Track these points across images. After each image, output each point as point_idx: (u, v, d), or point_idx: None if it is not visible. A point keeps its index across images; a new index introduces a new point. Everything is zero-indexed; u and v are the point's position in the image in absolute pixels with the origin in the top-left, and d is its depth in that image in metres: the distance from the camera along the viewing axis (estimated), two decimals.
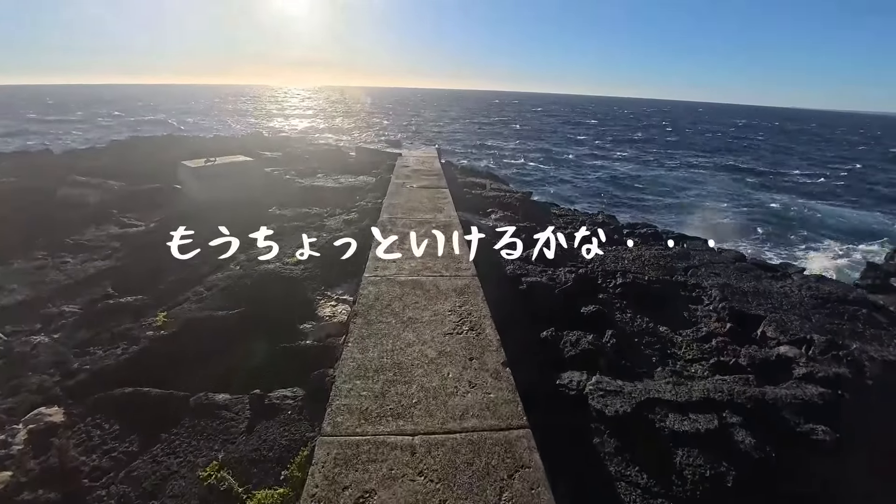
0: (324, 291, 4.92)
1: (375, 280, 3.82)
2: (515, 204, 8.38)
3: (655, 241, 6.88)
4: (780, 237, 18.87)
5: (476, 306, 3.41)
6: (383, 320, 3.16)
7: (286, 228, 6.84)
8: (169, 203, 8.54)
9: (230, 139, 15.30)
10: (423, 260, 4.27)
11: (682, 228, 15.12)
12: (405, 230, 5.16)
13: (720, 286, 5.07)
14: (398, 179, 8.13)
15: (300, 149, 13.81)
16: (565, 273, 5.14)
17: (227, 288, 4.93)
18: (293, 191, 9.30)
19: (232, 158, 9.09)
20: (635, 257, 5.94)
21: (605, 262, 5.85)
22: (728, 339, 3.98)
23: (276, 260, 5.79)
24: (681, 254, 6.16)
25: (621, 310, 4.66)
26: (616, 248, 6.42)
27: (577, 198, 23.11)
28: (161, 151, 12.78)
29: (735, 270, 5.72)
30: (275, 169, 10.68)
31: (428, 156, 11.10)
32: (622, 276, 5.18)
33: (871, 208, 26.35)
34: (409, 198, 6.69)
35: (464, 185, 9.35)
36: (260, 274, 5.15)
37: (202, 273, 5.49)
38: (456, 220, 5.52)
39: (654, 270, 5.57)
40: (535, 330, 4.15)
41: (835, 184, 33.05)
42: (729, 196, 26.47)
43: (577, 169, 32.74)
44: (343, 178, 10.45)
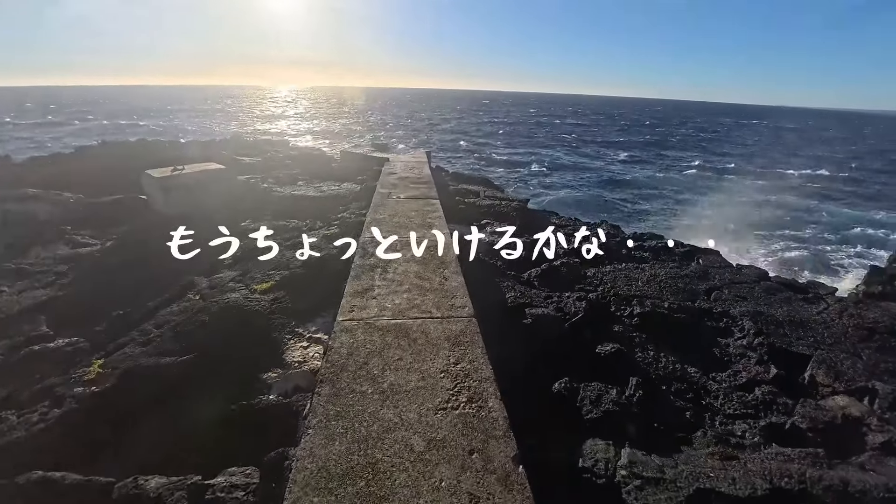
0: (294, 328, 4.19)
1: (350, 326, 3.11)
2: (512, 214, 7.72)
3: (667, 256, 6.24)
4: (793, 241, 18.46)
5: (475, 363, 2.72)
6: (357, 389, 2.46)
7: (257, 248, 6.08)
8: (131, 217, 7.74)
9: (208, 143, 14.43)
10: (410, 296, 3.56)
11: (686, 236, 14.58)
12: (389, 253, 4.46)
13: (751, 315, 4.43)
14: (384, 189, 7.42)
15: (282, 153, 13.02)
16: (574, 301, 4.47)
17: (181, 325, 4.19)
18: (270, 201, 8.53)
19: (202, 166, 8.29)
20: (649, 278, 5.29)
21: (617, 283, 5.19)
22: (775, 390, 3.33)
23: (242, 285, 5.05)
24: (698, 272, 5.52)
25: (641, 346, 4.00)
26: (626, 265, 5.77)
27: (575, 203, 22.54)
28: (131, 158, 11.88)
29: (761, 292, 5.10)
30: (252, 176, 9.90)
31: (417, 161, 10.39)
32: (639, 303, 4.53)
33: (865, 207, 26.18)
34: (396, 211, 5.98)
35: (456, 193, 8.66)
36: (221, 307, 4.41)
37: (156, 304, 4.74)
38: (448, 239, 4.82)
39: (672, 294, 4.93)
40: (545, 378, 3.48)
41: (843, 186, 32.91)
42: (729, 198, 26.11)
43: (574, 171, 32.26)
44: (325, 186, 9.70)
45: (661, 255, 6.27)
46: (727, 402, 3.35)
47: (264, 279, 5.15)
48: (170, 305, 4.67)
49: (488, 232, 6.62)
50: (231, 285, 5.07)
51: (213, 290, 4.96)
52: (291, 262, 5.51)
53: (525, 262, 5.62)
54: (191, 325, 4.18)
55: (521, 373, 3.47)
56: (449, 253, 4.46)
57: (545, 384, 3.38)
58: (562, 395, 3.22)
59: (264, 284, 4.97)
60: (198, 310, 4.42)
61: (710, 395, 3.46)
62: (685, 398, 3.43)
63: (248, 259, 5.91)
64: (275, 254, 5.73)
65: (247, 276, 5.36)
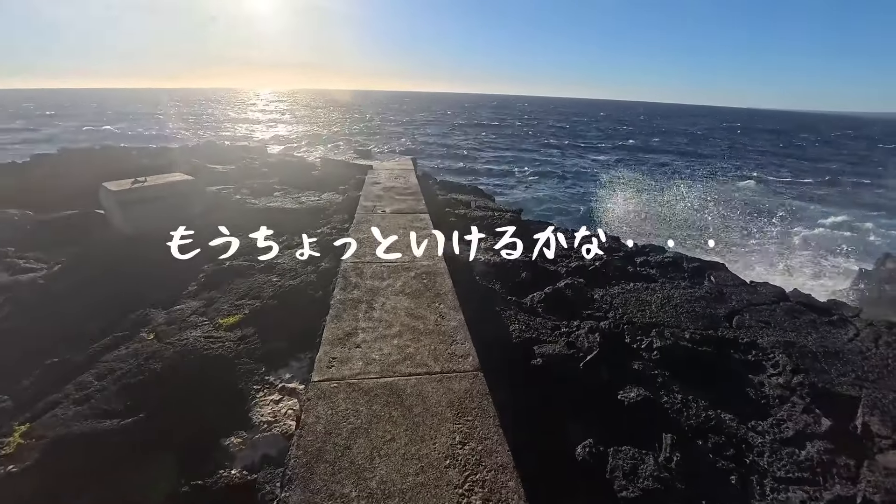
0: (263, 376, 3.57)
1: (329, 389, 2.51)
2: (505, 225, 7.18)
3: (676, 273, 5.79)
4: (781, 246, 18.42)
5: (487, 441, 2.16)
6: (337, 492, 1.87)
7: (223, 271, 5.41)
8: (86, 236, 6.96)
9: (179, 150, 13.57)
10: (402, 341, 2.99)
11: (685, 246, 14.27)
12: (375, 283, 3.87)
13: (782, 345, 3.98)
14: (367, 201, 6.82)
15: (258, 161, 12.26)
16: (586, 334, 3.95)
17: (127, 376, 3.52)
18: (243, 215, 7.83)
19: (167, 178, 7.55)
20: (663, 301, 4.82)
21: (628, 307, 4.70)
22: (831, 447, 2.85)
23: (205, 319, 4.39)
24: (714, 293, 5.07)
25: (667, 388, 3.49)
26: (634, 285, 5.29)
27: (567, 210, 22.13)
28: (93, 167, 11.00)
29: (784, 316, 4.67)
30: (224, 187, 9.17)
31: (402, 168, 9.81)
32: (658, 335, 4.03)
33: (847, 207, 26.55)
34: (381, 228, 5.39)
35: (445, 204, 8.10)
36: (177, 351, 3.75)
37: (101, 346, 4.04)
38: (442, 265, 4.26)
39: (691, 321, 4.45)
40: (563, 435, 2.95)
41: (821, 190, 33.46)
42: (721, 200, 26.16)
43: (562, 177, 31.87)
44: (305, 197, 9.04)
45: (670, 272, 5.81)
46: (776, 460, 2.86)
47: (231, 311, 4.50)
48: (118, 348, 3.98)
49: (482, 249, 6.07)
50: (193, 319, 4.40)
51: (170, 325, 4.28)
52: (264, 290, 4.86)
53: (527, 284, 5.09)
54: (140, 376, 3.51)
55: (535, 429, 2.93)
56: (444, 282, 3.89)
57: (565, 445, 2.84)
58: (587, 462, 2.68)
59: (231, 318, 4.32)
60: (149, 354, 3.75)
61: (754, 450, 2.97)
62: (726, 456, 2.93)
63: (216, 284, 5.25)
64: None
65: (212, 306, 4.70)
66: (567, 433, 2.96)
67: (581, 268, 5.63)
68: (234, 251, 6.19)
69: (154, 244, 6.65)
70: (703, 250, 14.59)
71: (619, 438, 2.89)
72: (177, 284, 5.32)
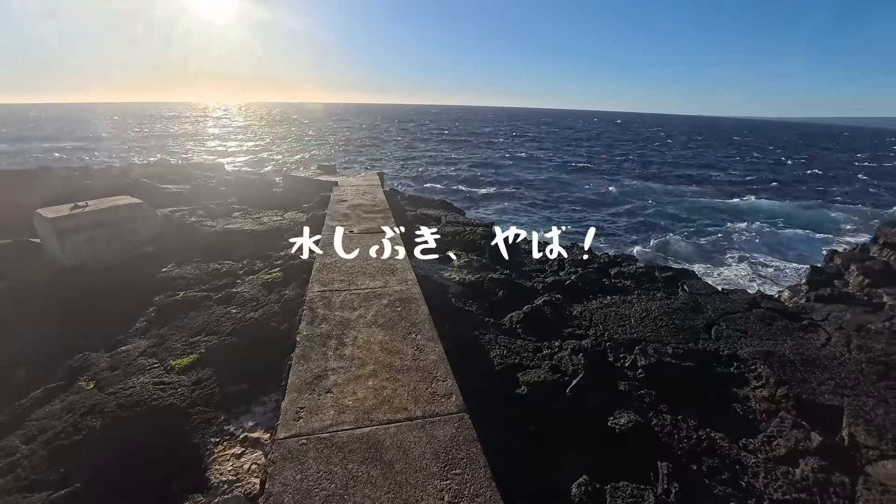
0: (223, 425, 3.19)
1: (297, 448, 2.21)
2: (479, 242, 7.04)
3: (650, 284, 5.79)
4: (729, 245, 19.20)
5: (479, 500, 1.93)
6: None
7: (176, 304, 4.95)
8: (19, 269, 6.26)
9: (127, 170, 12.70)
10: (378, 382, 2.72)
11: (652, 254, 14.62)
12: (345, 314, 3.58)
13: (762, 355, 3.97)
14: (333, 221, 6.50)
15: (215, 179, 11.65)
16: (570, 356, 3.81)
17: (60, 437, 3.06)
18: (199, 238, 7.33)
19: (111, 201, 6.95)
20: (642, 315, 4.76)
21: (608, 323, 4.61)
22: (824, 463, 2.79)
23: (155, 361, 3.94)
24: (689, 303, 5.07)
25: (655, 409, 3.38)
26: (612, 298, 5.23)
27: (538, 222, 22.27)
28: (30, 190, 10.12)
29: (758, 323, 4.71)
30: (177, 209, 8.58)
31: (369, 184, 9.52)
32: (641, 352, 3.93)
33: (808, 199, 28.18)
34: (350, 252, 5.09)
35: (415, 220, 7.88)
36: (121, 403, 3.31)
37: (31, 402, 3.53)
38: (416, 290, 4.02)
39: (671, 335, 4.40)
40: (556, 470, 2.76)
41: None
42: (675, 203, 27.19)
43: (531, 187, 32.19)
44: (266, 217, 8.59)
45: (644, 283, 5.80)
46: (771, 482, 2.77)
47: (185, 350, 4.07)
48: (50, 401, 3.49)
49: (456, 267, 5.88)
50: (140, 362, 3.95)
51: (114, 371, 3.82)
52: (222, 324, 4.45)
53: (504, 304, 4.92)
54: (76, 435, 3.06)
55: (527, 469, 2.73)
56: (419, 309, 3.65)
57: (559, 483, 2.64)
58: (583, 502, 2.49)
59: (184, 359, 3.91)
60: (88, 408, 3.30)
61: (749, 472, 2.87)
62: (722, 480, 2.82)
63: (167, 319, 4.78)
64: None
65: (163, 345, 4.25)
66: (560, 469, 2.76)
67: (558, 283, 5.52)
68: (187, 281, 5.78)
69: (97, 276, 6.07)
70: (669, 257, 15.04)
71: (615, 472, 2.73)
72: (123, 321, 4.82)
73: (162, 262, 6.48)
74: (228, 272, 6.14)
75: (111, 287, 5.68)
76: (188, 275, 6.06)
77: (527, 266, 6.52)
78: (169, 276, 6.04)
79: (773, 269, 17.11)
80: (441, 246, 6.85)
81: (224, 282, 5.74)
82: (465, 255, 6.42)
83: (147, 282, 5.84)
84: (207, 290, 5.49)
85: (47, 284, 5.82)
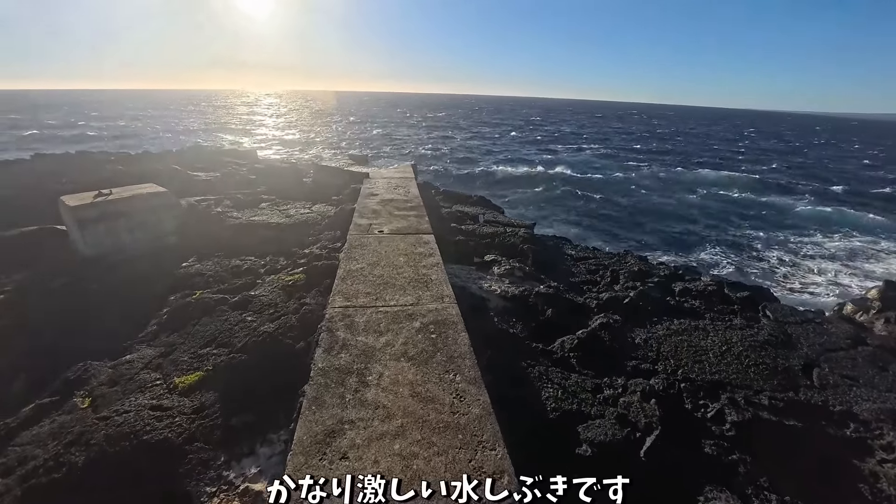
0: (221, 470, 2.69)
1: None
2: (521, 245, 6.33)
3: (724, 306, 4.95)
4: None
5: None
6: None
7: (190, 307, 4.53)
8: (41, 258, 6.06)
9: (162, 155, 12.66)
10: (406, 445, 2.12)
11: (706, 261, 13.29)
12: (369, 339, 3.00)
13: (888, 416, 3.13)
14: (362, 219, 5.95)
15: (245, 167, 11.37)
16: (639, 403, 3.10)
17: (38, 473, 2.63)
18: (223, 230, 6.96)
19: (136, 190, 6.65)
20: (721, 348, 3.97)
21: (680, 357, 3.85)
22: None
23: (158, 377, 3.50)
24: (778, 335, 4.23)
25: (753, 482, 2.64)
26: (680, 322, 4.44)
27: (575, 220, 20.84)
28: (65, 175, 10.14)
29: (869, 365, 3.84)
30: (203, 199, 8.27)
31: (401, 176, 8.94)
32: (730, 403, 3.17)
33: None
34: (378, 256, 4.52)
35: (451, 219, 7.25)
36: (110, 434, 2.86)
37: (20, 419, 3.15)
38: (454, 309, 3.39)
39: (762, 378, 3.60)
40: None
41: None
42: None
43: (568, 182, 30.58)
44: (294, 209, 8.17)
45: (716, 304, 4.97)
46: None
47: (191, 365, 3.61)
48: (40, 422, 3.09)
49: (497, 277, 5.21)
50: (143, 376, 3.52)
51: (113, 387, 3.40)
52: (235, 335, 3.98)
53: (553, 324, 4.23)
54: (55, 472, 2.63)
55: None
56: (458, 337, 3.02)
57: None
58: None
59: (189, 377, 3.44)
60: (76, 436, 2.86)
61: None
62: None
63: (179, 324, 4.36)
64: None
65: (170, 356, 3.81)
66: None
67: (614, 300, 4.77)
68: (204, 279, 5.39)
69: (115, 269, 5.76)
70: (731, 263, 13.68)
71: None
72: (133, 323, 4.44)
73: (183, 255, 6.13)
74: (249, 270, 5.70)
75: (129, 281, 5.35)
76: (208, 271, 5.68)
77: (575, 276, 5.78)
78: (188, 271, 5.66)
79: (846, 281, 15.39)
80: (480, 249, 6.20)
81: (243, 281, 5.30)
82: (505, 260, 5.75)
83: (165, 277, 5.49)
84: (225, 290, 5.06)
85: (69, 273, 5.56)
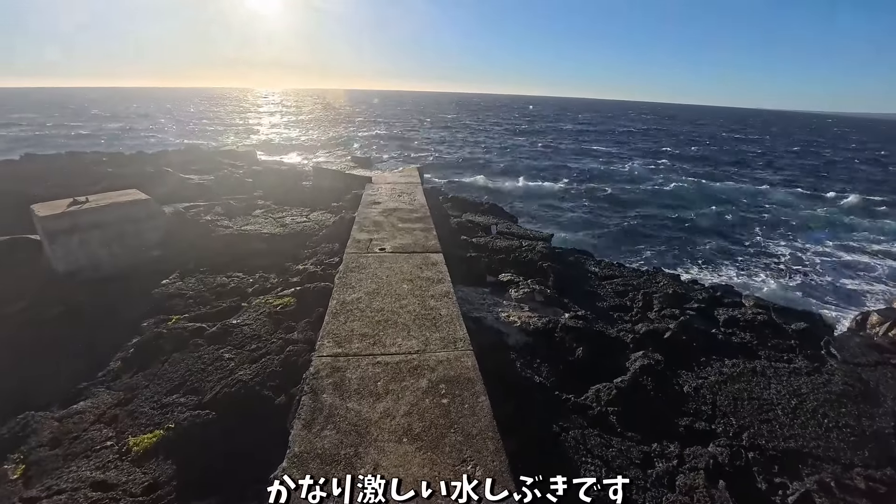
0: None
1: None
2: (539, 262, 5.67)
3: (777, 338, 4.27)
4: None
5: None
6: None
7: (161, 339, 3.90)
8: (9, 273, 5.47)
9: (156, 156, 12.10)
10: None
11: (740, 280, 12.30)
12: (363, 407, 2.35)
13: None
14: (362, 233, 5.31)
15: (242, 169, 10.78)
16: (705, 487, 2.43)
17: None
18: (212, 241, 6.36)
19: (115, 197, 6.03)
20: (790, 401, 3.28)
21: (741, 415, 3.17)
22: None
23: (111, 437, 2.88)
24: (855, 384, 3.53)
25: None
26: (732, 364, 3.76)
27: (595, 234, 19.22)
28: (51, 177, 9.60)
29: None
30: (193, 205, 7.67)
31: (406, 181, 8.30)
32: (820, 489, 2.50)
33: None
34: (378, 282, 3.88)
35: (460, 231, 6.59)
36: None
37: None
38: (470, 359, 2.74)
39: (850, 447, 2.92)
40: None
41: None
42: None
43: (579, 185, 29.29)
44: (290, 217, 7.55)
45: (769, 338, 4.28)
46: None
47: (152, 420, 2.99)
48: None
49: (515, 302, 4.55)
50: (92, 434, 2.91)
51: (54, 449, 2.78)
52: (207, 378, 3.35)
53: (585, 366, 3.57)
54: None
55: None
56: (476, 402, 2.37)
57: None
58: None
59: (146, 437, 2.81)
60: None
61: None
62: None
63: (147, 359, 3.74)
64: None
65: (129, 405, 3.20)
66: None
67: (653, 334, 4.10)
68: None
69: (88, 289, 5.18)
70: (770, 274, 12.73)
71: None
72: (95, 358, 3.82)
73: (166, 271, 5.52)
74: (235, 290, 5.08)
75: (98, 306, 4.74)
76: (189, 290, 5.06)
77: (602, 299, 5.11)
78: (167, 291, 5.05)
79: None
80: (494, 266, 5.54)
81: (227, 304, 4.68)
82: (523, 280, 5.09)
83: (140, 298, 4.87)
84: (205, 315, 4.44)
85: (29, 297, 4.96)
